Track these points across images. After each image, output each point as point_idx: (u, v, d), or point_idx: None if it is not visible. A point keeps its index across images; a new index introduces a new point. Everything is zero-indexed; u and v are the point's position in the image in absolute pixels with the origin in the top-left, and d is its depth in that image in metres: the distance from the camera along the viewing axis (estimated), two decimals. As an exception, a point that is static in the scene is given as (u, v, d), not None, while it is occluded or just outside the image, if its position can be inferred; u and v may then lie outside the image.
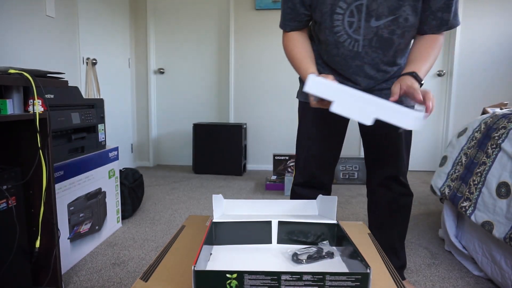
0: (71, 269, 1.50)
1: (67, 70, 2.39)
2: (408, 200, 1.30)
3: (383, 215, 1.31)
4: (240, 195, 2.68)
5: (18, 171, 1.13)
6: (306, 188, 1.29)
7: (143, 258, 1.61)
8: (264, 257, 0.77)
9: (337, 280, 0.59)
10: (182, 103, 3.71)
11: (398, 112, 0.72)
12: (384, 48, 1.06)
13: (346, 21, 1.02)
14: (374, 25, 1.01)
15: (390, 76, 1.16)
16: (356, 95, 0.75)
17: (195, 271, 0.59)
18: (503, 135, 1.34)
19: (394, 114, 0.72)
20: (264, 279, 0.59)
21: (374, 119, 0.72)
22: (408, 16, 0.98)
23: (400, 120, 0.72)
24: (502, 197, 1.25)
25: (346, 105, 0.75)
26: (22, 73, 1.05)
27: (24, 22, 1.97)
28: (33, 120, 1.14)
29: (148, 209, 2.30)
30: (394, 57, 1.09)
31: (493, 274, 1.34)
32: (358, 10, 1.00)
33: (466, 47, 3.34)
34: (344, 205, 2.45)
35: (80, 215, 1.58)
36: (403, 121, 0.72)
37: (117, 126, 3.28)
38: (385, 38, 1.03)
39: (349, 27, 1.03)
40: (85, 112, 1.66)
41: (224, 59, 3.59)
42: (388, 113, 0.72)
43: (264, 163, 3.66)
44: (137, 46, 3.59)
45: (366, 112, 0.73)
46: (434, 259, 1.63)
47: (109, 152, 1.84)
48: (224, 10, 3.52)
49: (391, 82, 1.16)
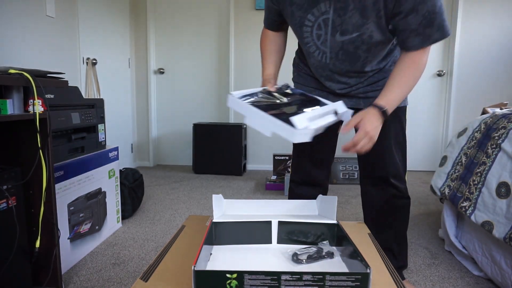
0: (71, 269, 1.50)
1: (67, 70, 2.39)
2: (402, 202, 1.27)
3: (377, 216, 1.30)
4: (240, 195, 2.68)
5: (18, 171, 1.13)
6: (302, 185, 1.31)
7: (143, 258, 1.61)
8: (264, 257, 0.77)
9: (337, 280, 0.59)
10: (182, 103, 3.71)
11: (281, 126, 0.82)
12: (350, 61, 1.07)
13: (315, 33, 1.05)
14: (340, 40, 1.03)
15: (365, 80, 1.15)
16: (258, 113, 0.86)
17: (195, 271, 0.59)
18: (503, 135, 1.34)
19: (279, 128, 0.82)
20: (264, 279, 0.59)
21: (271, 132, 0.84)
22: (373, 33, 0.99)
23: (284, 133, 0.82)
24: (502, 197, 1.25)
25: (253, 120, 0.88)
26: (22, 73, 1.05)
27: (24, 22, 1.97)
28: (33, 120, 1.14)
29: (148, 209, 2.30)
30: (363, 67, 1.10)
31: (493, 274, 1.34)
32: (325, 24, 1.02)
33: (466, 47, 3.34)
34: (344, 205, 2.45)
35: (80, 215, 1.58)
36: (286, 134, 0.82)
37: (117, 126, 3.28)
38: (351, 52, 1.05)
39: (317, 39, 1.06)
40: (85, 112, 1.66)
41: (224, 59, 3.59)
42: (277, 128, 0.83)
43: (264, 163, 3.66)
44: (137, 46, 3.59)
45: (265, 127, 0.85)
46: (434, 259, 1.63)
47: (109, 152, 1.84)
48: (224, 10, 3.53)
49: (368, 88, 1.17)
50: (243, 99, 0.92)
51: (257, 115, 0.86)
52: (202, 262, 0.67)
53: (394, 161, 1.22)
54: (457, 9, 3.27)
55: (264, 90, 1.03)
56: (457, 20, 3.28)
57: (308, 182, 1.30)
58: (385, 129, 1.15)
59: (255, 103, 0.91)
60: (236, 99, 0.92)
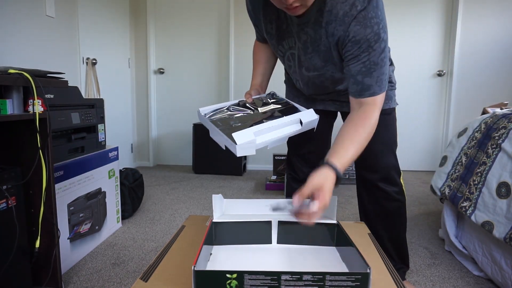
0: (71, 269, 1.50)
1: (67, 70, 2.39)
2: (394, 205, 1.24)
3: (371, 219, 1.28)
4: (240, 195, 2.68)
5: (18, 171, 1.13)
6: (298, 182, 1.33)
7: (143, 258, 1.61)
8: (264, 257, 0.77)
9: (337, 280, 0.59)
10: (182, 103, 3.71)
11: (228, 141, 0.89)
12: (320, 89, 1.14)
13: (286, 63, 1.14)
14: (306, 74, 1.09)
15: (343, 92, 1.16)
16: (214, 129, 0.96)
17: (195, 271, 0.59)
18: (503, 135, 1.34)
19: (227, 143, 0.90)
20: (264, 279, 0.59)
21: (225, 146, 0.93)
22: (334, 73, 1.03)
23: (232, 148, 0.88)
24: (502, 197, 1.25)
25: (213, 134, 0.99)
26: (22, 73, 1.05)
27: (24, 22, 1.97)
28: (33, 120, 1.14)
29: (148, 209, 2.30)
30: (334, 90, 1.14)
31: (493, 274, 1.34)
32: (292, 57, 1.08)
33: (466, 47, 3.34)
34: (344, 205, 2.45)
35: (80, 215, 1.58)
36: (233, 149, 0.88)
37: (117, 126, 3.28)
38: (318, 85, 1.11)
39: (289, 68, 1.15)
40: (85, 112, 1.65)
41: (224, 59, 3.59)
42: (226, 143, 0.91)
43: (264, 163, 3.66)
44: (137, 46, 3.59)
45: (221, 141, 0.94)
46: (434, 259, 1.63)
47: (109, 152, 1.84)
48: (224, 10, 3.52)
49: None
50: (210, 114, 1.03)
51: (214, 130, 0.96)
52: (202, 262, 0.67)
53: (383, 165, 1.20)
54: (457, 9, 3.27)
55: (240, 102, 1.09)
56: (457, 20, 3.28)
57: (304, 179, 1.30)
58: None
59: (216, 117, 1.02)
60: (201, 115, 1.03)
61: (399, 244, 1.31)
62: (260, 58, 1.24)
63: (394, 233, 1.29)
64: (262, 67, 1.23)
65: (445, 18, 3.38)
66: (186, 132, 3.74)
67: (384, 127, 1.18)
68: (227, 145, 0.91)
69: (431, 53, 3.43)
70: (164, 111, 3.75)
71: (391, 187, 1.23)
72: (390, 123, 1.22)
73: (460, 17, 3.28)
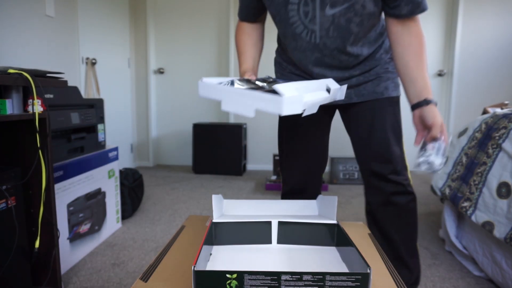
0: (71, 269, 1.49)
1: (67, 70, 2.39)
2: (405, 199, 1.16)
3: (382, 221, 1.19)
4: (240, 195, 2.67)
5: (17, 171, 1.13)
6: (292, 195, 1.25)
7: (143, 258, 1.60)
8: (264, 257, 0.77)
9: (337, 280, 0.59)
10: (182, 103, 3.71)
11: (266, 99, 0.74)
12: (342, 37, 1.00)
13: (302, 10, 0.98)
14: (330, 13, 0.96)
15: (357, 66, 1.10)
16: (238, 92, 0.78)
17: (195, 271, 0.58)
18: (503, 135, 1.34)
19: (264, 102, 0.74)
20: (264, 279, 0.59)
21: (255, 110, 0.76)
22: (365, 2, 0.94)
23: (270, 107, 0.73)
24: (502, 197, 1.25)
25: (232, 102, 0.79)
26: (21, 73, 1.05)
27: (23, 22, 1.97)
28: (32, 120, 1.14)
29: (148, 209, 2.30)
30: (353, 46, 1.04)
31: (494, 274, 1.34)
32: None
33: (466, 47, 3.34)
34: (344, 205, 2.44)
35: (79, 215, 1.57)
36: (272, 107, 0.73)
37: (117, 126, 3.28)
38: (343, 27, 0.98)
39: (304, 16, 0.99)
40: (84, 112, 1.65)
41: (224, 59, 3.59)
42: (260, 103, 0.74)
43: (264, 163, 3.66)
44: (137, 46, 3.59)
45: (247, 106, 0.76)
46: (434, 259, 1.63)
47: (109, 152, 1.84)
48: (224, 10, 3.52)
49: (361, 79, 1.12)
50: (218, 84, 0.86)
51: (235, 96, 0.78)
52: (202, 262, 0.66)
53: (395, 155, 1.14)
54: (457, 9, 3.27)
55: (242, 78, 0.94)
56: (457, 20, 3.28)
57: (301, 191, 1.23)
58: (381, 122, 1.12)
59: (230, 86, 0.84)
60: (209, 84, 0.83)
61: (413, 249, 1.20)
62: (248, 41, 1.12)
63: (407, 234, 1.19)
64: (252, 51, 1.11)
65: (445, 18, 3.38)
66: (186, 132, 3.74)
67: (393, 115, 1.15)
68: (260, 107, 0.75)
69: (432, 53, 3.43)
70: (164, 111, 3.75)
71: (403, 180, 1.15)
72: (398, 112, 1.18)
73: (461, 17, 3.28)
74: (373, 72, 1.12)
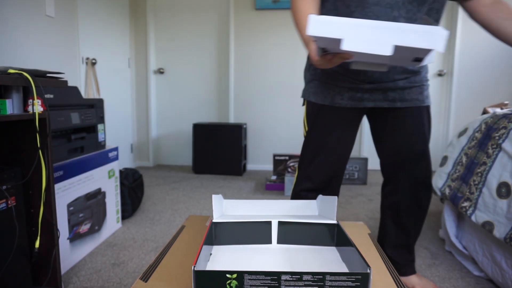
0: (71, 269, 1.49)
1: (67, 70, 2.39)
2: (429, 194, 1.28)
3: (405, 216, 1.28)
4: (240, 195, 2.67)
5: (17, 171, 1.13)
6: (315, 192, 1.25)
7: (143, 258, 1.61)
8: (264, 257, 0.77)
9: (337, 280, 0.59)
10: (182, 103, 3.71)
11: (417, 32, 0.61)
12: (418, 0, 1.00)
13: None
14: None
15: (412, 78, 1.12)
16: (368, 25, 0.64)
17: (195, 271, 0.58)
18: (503, 135, 1.34)
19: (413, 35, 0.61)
20: (264, 279, 0.59)
21: (394, 47, 0.63)
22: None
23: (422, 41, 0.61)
24: (502, 197, 1.25)
25: (358, 39, 0.64)
26: (21, 73, 1.05)
27: (23, 22, 1.97)
28: (32, 120, 1.14)
29: (148, 209, 2.30)
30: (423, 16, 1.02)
31: (494, 274, 1.34)
32: None
33: (466, 47, 3.34)
34: (344, 205, 2.44)
35: (79, 215, 1.57)
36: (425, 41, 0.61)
37: (117, 126, 3.28)
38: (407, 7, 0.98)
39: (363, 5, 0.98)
40: (84, 112, 1.65)
41: (224, 59, 3.59)
42: (407, 36, 0.62)
43: (264, 163, 3.66)
44: (137, 46, 3.59)
45: (382, 41, 0.63)
46: (434, 259, 1.63)
47: (109, 152, 1.84)
48: (224, 10, 3.52)
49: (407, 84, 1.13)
50: None
51: (366, 29, 0.64)
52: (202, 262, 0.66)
53: (430, 162, 1.24)
54: (457, 9, 3.27)
55: None
56: (457, 20, 3.28)
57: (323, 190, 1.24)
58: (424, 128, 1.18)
59: None
60: (327, 19, 0.67)
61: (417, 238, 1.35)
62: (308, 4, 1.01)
63: (420, 226, 1.31)
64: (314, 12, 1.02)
65: (445, 17, 3.38)
66: (186, 132, 3.74)
67: (428, 124, 1.22)
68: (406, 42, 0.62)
69: (431, 53, 3.43)
70: (164, 111, 3.75)
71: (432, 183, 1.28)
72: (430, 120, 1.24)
73: (461, 17, 3.28)
74: (418, 78, 1.15)
